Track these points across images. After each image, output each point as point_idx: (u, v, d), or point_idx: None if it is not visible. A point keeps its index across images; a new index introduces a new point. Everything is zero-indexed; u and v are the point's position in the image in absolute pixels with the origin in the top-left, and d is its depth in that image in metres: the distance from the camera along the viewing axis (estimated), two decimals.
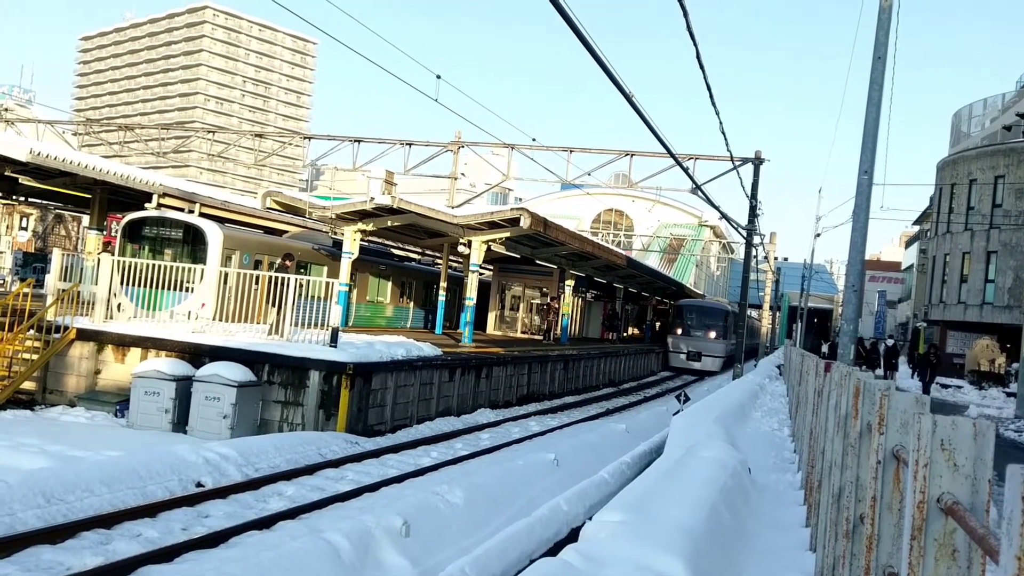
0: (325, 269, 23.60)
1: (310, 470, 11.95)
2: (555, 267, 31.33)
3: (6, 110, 48.14)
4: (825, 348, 44.16)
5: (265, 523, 8.96)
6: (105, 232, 27.30)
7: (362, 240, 23.63)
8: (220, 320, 17.68)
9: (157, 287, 16.50)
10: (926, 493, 2.65)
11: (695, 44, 12.66)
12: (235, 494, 10.25)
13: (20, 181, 23.03)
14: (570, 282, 31.77)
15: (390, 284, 28.83)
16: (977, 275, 40.97)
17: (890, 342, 45.07)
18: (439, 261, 29.80)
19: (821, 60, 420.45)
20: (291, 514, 9.42)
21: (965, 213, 42.33)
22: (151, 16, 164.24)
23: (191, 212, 20.69)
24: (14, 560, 7.28)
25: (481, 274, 24.86)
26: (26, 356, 15.86)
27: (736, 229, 34.09)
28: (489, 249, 24.24)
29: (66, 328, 16.01)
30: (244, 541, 8.17)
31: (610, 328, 41.91)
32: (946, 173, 45.25)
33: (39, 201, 31.91)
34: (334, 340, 15.48)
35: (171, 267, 16.84)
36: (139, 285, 16.56)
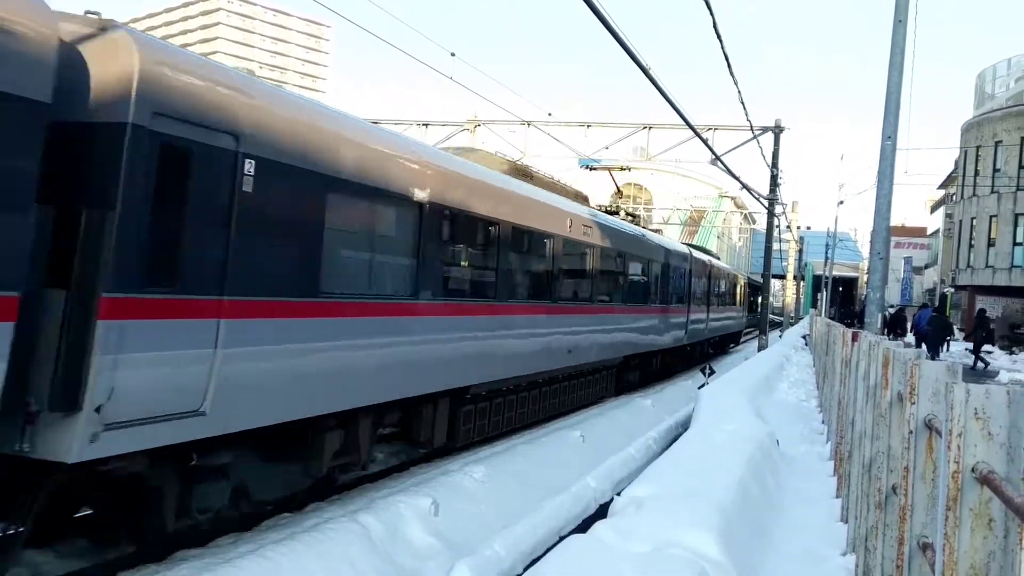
0: None
1: None
2: None
3: None
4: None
5: (297, 505, 9.03)
6: None
7: None
8: None
9: None
10: (960, 463, 2.62)
11: (712, 13, 12.50)
12: None
13: None
14: None
15: None
16: (1005, 238, 40.42)
17: (891, 310, 44.17)
18: None
19: (841, 24, 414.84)
20: (320, 495, 9.48)
21: (991, 175, 41.72)
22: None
23: None
24: None
25: None
26: None
27: (757, 199, 33.75)
28: None
29: None
30: (276, 524, 8.24)
31: None
32: (971, 135, 44.56)
33: None
34: None
35: None
36: None
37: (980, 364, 29.13)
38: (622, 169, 23.80)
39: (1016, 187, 39.85)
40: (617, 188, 24.21)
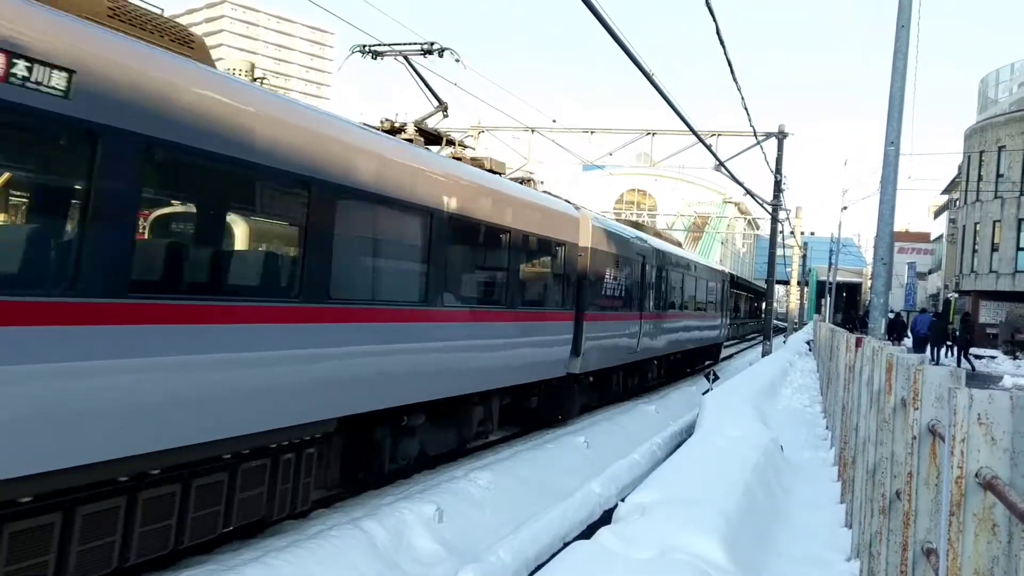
0: None
1: None
2: None
3: None
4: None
5: (301, 513, 9.03)
6: None
7: None
8: None
9: None
10: (964, 468, 2.62)
11: (715, 20, 12.52)
12: None
13: None
14: None
15: None
16: (1008, 243, 40.37)
17: (892, 315, 44.15)
18: None
19: (844, 28, 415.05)
20: (325, 502, 9.49)
21: (994, 181, 41.69)
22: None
23: None
24: None
25: None
26: None
27: (761, 204, 33.76)
28: None
29: None
30: (280, 530, 8.25)
31: None
32: (974, 141, 44.53)
33: None
34: None
35: None
36: None
37: (967, 365, 29.23)
38: (426, 51, 12.12)
39: (1020, 192, 39.83)
40: (438, 100, 12.61)
